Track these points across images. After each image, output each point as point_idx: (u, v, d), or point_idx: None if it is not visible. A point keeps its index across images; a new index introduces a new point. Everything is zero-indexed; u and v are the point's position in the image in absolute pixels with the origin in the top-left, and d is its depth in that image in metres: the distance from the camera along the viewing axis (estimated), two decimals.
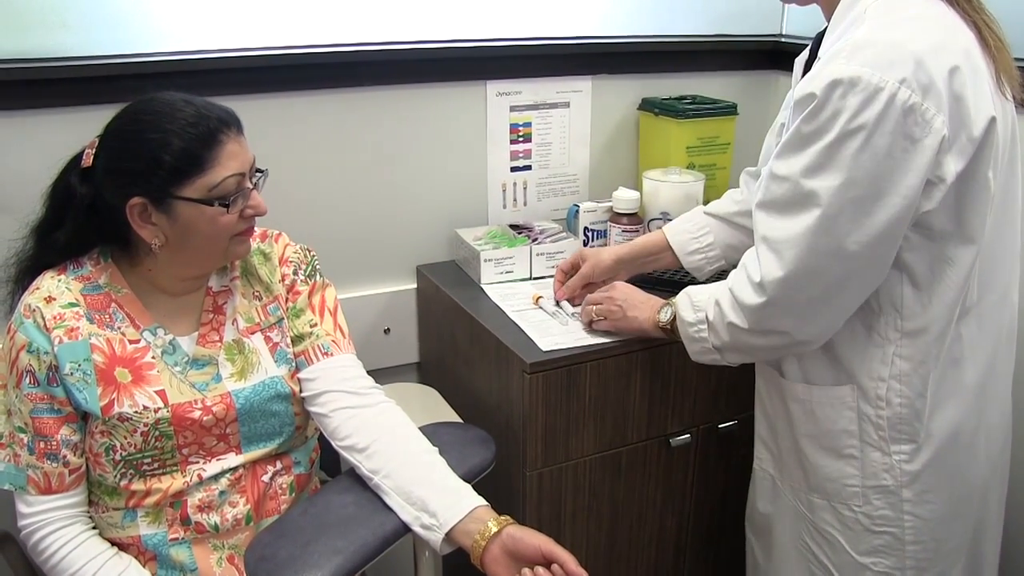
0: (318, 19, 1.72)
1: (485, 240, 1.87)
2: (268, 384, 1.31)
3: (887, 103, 1.03)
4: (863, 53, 1.05)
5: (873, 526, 1.27)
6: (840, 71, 1.05)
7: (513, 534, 1.17)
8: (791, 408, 1.33)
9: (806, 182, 1.10)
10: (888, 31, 1.07)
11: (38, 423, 1.20)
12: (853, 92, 1.04)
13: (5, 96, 1.50)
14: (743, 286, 1.21)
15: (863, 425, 1.25)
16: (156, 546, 1.26)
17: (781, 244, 1.14)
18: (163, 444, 1.23)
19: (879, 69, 1.03)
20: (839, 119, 1.05)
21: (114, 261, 1.27)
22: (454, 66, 1.86)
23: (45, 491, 1.22)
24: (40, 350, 1.19)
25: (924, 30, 1.07)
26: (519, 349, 1.52)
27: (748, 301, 1.20)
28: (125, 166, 1.18)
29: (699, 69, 2.14)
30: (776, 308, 1.18)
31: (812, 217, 1.10)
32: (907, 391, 1.21)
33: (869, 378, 1.23)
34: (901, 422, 1.22)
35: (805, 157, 1.10)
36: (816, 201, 1.10)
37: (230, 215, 1.20)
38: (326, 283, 1.42)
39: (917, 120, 1.04)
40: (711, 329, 1.28)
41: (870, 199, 1.08)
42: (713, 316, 1.28)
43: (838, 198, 1.08)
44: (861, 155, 1.05)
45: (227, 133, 1.19)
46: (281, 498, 1.34)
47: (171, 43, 1.60)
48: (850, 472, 1.27)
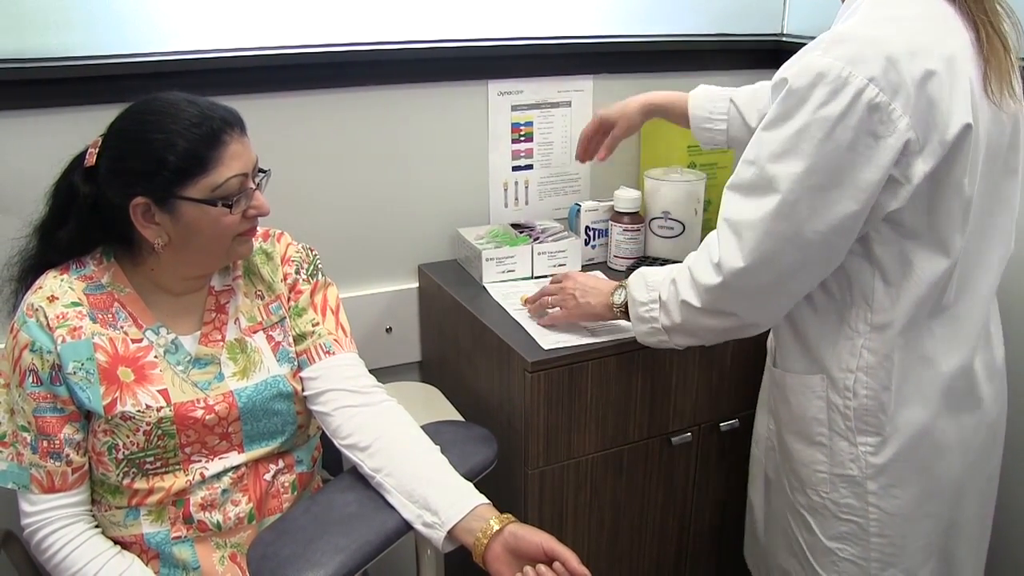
0: (320, 19, 1.72)
1: (487, 239, 1.87)
2: (270, 383, 1.31)
3: (853, 97, 1.04)
4: (839, 47, 1.06)
5: (840, 513, 1.31)
6: (814, 62, 1.07)
7: (515, 532, 1.17)
8: (773, 393, 1.40)
9: (770, 167, 1.12)
10: (870, 27, 1.09)
11: (41, 422, 1.21)
12: (823, 83, 1.06)
13: (8, 96, 1.50)
14: (703, 266, 1.23)
15: (831, 414, 1.28)
16: (159, 544, 1.26)
17: (741, 226, 1.16)
18: (166, 443, 1.24)
19: (850, 64, 1.05)
20: (805, 107, 1.07)
21: (117, 260, 1.27)
22: (456, 65, 1.86)
23: (48, 490, 1.22)
24: (43, 349, 1.19)
25: (907, 31, 1.08)
26: (521, 348, 1.52)
27: (705, 281, 1.22)
28: (129, 166, 1.18)
29: (701, 68, 2.14)
30: (730, 290, 1.20)
31: (772, 202, 1.12)
32: (873, 383, 1.23)
33: (838, 369, 1.25)
34: (867, 414, 1.25)
35: (772, 142, 1.12)
36: (777, 186, 1.12)
37: (233, 215, 1.21)
38: (328, 282, 1.42)
39: (882, 118, 1.05)
40: (663, 308, 1.31)
41: (829, 189, 1.09)
42: (667, 295, 1.30)
43: (798, 185, 1.10)
44: (823, 145, 1.07)
45: (230, 133, 1.19)
46: (283, 496, 1.35)
47: (174, 43, 1.60)
48: (820, 459, 1.31)
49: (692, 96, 1.70)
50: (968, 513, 1.34)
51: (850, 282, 1.22)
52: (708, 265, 1.22)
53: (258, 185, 1.25)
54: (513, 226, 1.95)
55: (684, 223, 1.83)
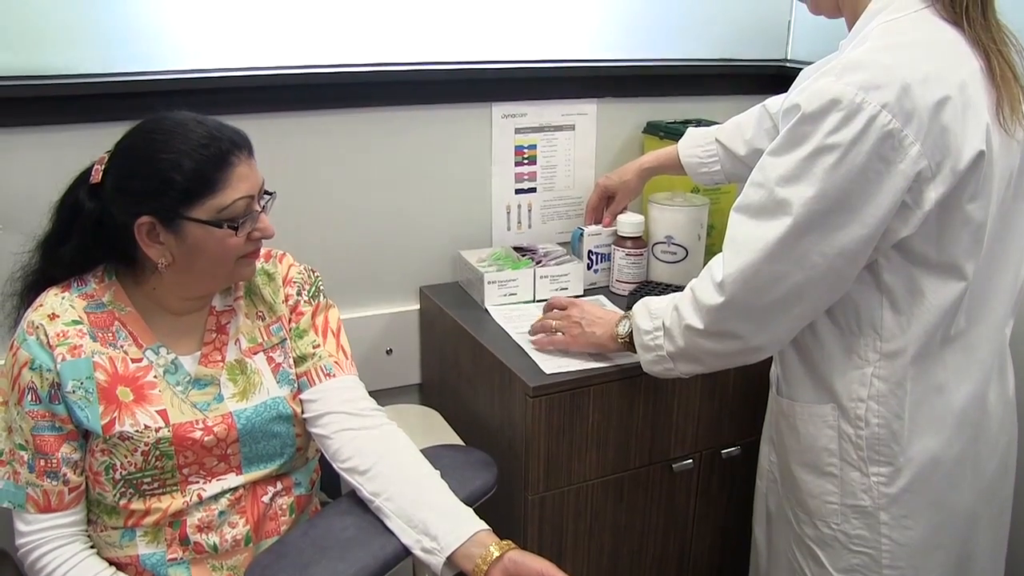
0: (324, 39, 1.72)
1: (489, 262, 1.87)
2: (270, 405, 1.30)
3: (866, 124, 1.05)
4: (853, 73, 1.07)
5: (851, 544, 1.29)
6: (827, 88, 1.07)
7: (515, 559, 1.16)
8: (780, 424, 1.37)
9: (780, 190, 1.12)
10: (882, 54, 1.09)
11: (39, 441, 1.20)
12: (836, 109, 1.06)
13: (14, 112, 1.50)
14: (705, 286, 1.23)
15: (843, 444, 1.26)
16: (154, 566, 1.25)
17: (746, 247, 1.16)
18: (163, 464, 1.23)
19: (863, 90, 1.05)
20: (818, 133, 1.08)
21: (118, 279, 1.27)
22: (460, 88, 1.87)
23: (44, 509, 1.21)
24: (43, 367, 1.19)
25: (919, 58, 1.08)
26: (522, 372, 1.52)
27: (708, 301, 1.22)
28: (135, 185, 1.18)
29: (704, 93, 2.15)
30: (733, 310, 1.20)
31: (782, 225, 1.12)
32: (885, 412, 1.22)
33: (849, 398, 1.24)
34: (879, 443, 1.23)
35: (782, 166, 1.12)
36: (787, 210, 1.12)
37: (238, 238, 1.21)
38: (329, 304, 1.42)
39: (894, 145, 1.06)
40: (667, 335, 1.31)
41: (840, 214, 1.10)
42: (670, 322, 1.30)
43: (808, 209, 1.10)
44: (835, 171, 1.07)
45: (238, 155, 1.19)
46: (281, 519, 1.34)
47: (179, 62, 1.61)
48: (830, 489, 1.29)
49: (680, 146, 1.74)
50: (982, 544, 1.33)
51: (858, 310, 1.21)
52: (711, 285, 1.22)
53: (263, 208, 1.25)
54: (515, 249, 1.94)
55: (687, 248, 1.83)
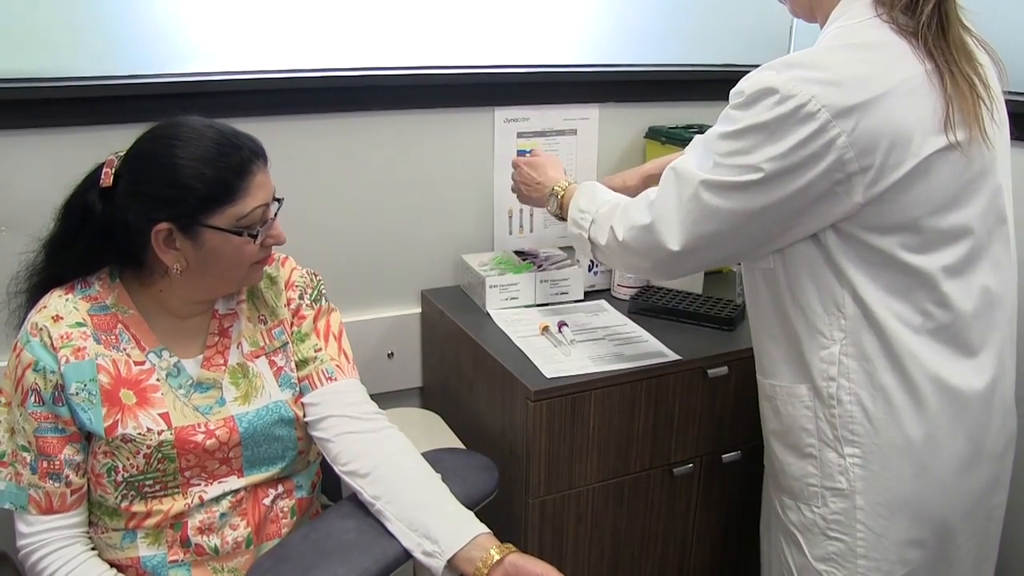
0: (327, 43, 1.73)
1: (490, 266, 1.87)
2: (272, 408, 1.31)
3: (795, 109, 1.11)
4: (792, 69, 1.13)
5: (828, 530, 1.29)
6: (766, 78, 1.14)
7: (515, 562, 1.16)
8: (764, 407, 1.39)
9: (716, 157, 1.21)
10: (823, 54, 1.16)
11: (42, 442, 1.20)
12: (770, 96, 1.13)
13: (17, 115, 1.51)
14: (639, 204, 1.33)
15: (819, 424, 1.28)
16: (155, 568, 1.25)
17: (685, 180, 1.24)
18: (165, 467, 1.23)
19: (798, 82, 1.11)
20: (750, 113, 1.15)
21: (122, 281, 1.27)
22: (462, 92, 1.87)
23: (46, 511, 1.21)
24: (46, 369, 1.19)
25: (858, 59, 1.14)
26: (523, 376, 1.52)
27: (636, 219, 1.31)
28: (152, 191, 1.18)
29: (706, 98, 2.15)
30: (653, 234, 1.28)
31: (716, 173, 1.20)
32: (856, 389, 1.23)
33: (821, 377, 1.26)
34: (852, 422, 1.24)
35: (717, 140, 1.21)
36: (721, 168, 1.20)
37: (255, 244, 1.22)
38: (331, 308, 1.42)
39: (820, 134, 1.11)
40: (594, 223, 1.43)
41: (766, 182, 1.16)
42: (602, 213, 1.41)
43: (735, 178, 1.18)
44: (762, 148, 1.15)
45: (257, 164, 1.21)
46: (282, 521, 1.34)
47: (180, 66, 1.62)
48: (811, 471, 1.30)
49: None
50: (962, 551, 1.31)
51: (816, 288, 1.23)
52: (643, 204, 1.31)
53: (275, 214, 1.26)
54: (517, 253, 1.95)
55: None
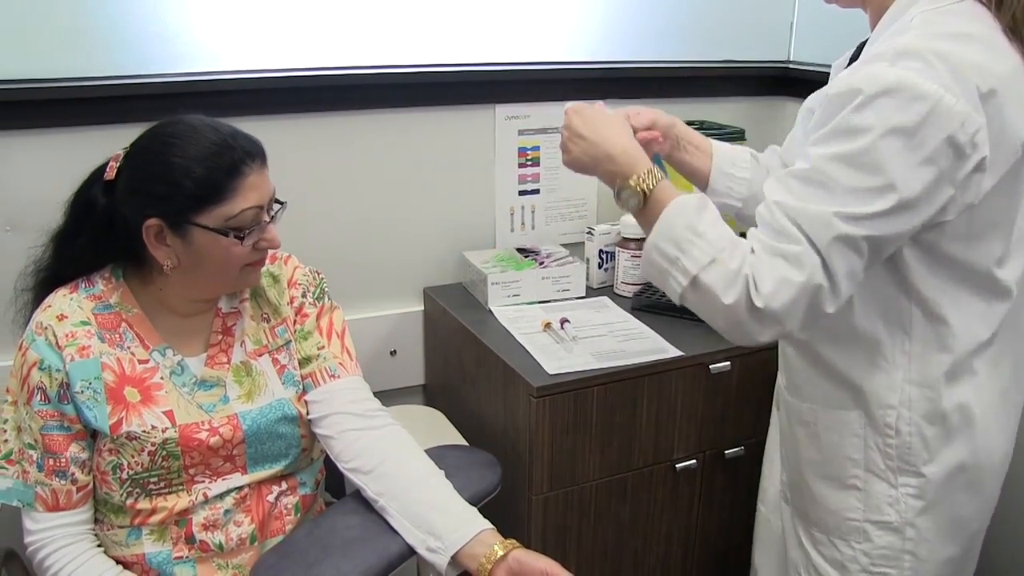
0: (327, 42, 1.73)
1: (492, 263, 1.87)
2: (275, 406, 1.31)
3: (932, 107, 0.98)
4: (907, 59, 1.00)
5: (872, 566, 1.20)
6: (883, 73, 1.00)
7: (519, 558, 1.16)
8: (797, 432, 1.27)
9: (840, 177, 1.02)
10: (932, 41, 1.02)
11: (48, 440, 1.21)
12: (898, 94, 0.99)
13: (20, 115, 1.51)
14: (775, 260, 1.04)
15: (869, 454, 1.18)
16: (160, 564, 1.26)
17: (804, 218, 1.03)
18: (170, 464, 1.24)
19: (922, 76, 0.98)
20: (881, 119, 0.99)
21: (126, 280, 1.28)
22: (463, 90, 1.88)
23: (53, 508, 1.22)
24: (52, 368, 1.20)
25: (969, 47, 1.02)
26: (526, 373, 1.52)
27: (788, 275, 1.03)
28: (146, 186, 1.19)
29: (707, 95, 2.16)
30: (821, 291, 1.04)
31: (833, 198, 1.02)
32: (917, 419, 1.14)
33: (877, 405, 1.15)
34: (910, 453, 1.15)
35: (837, 147, 1.02)
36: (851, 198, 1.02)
37: (243, 247, 1.21)
38: (334, 306, 1.42)
39: (961, 129, 0.99)
40: (714, 264, 1.06)
41: (907, 204, 1.01)
42: (730, 254, 1.06)
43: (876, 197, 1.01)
44: (901, 157, 0.99)
45: (250, 165, 1.20)
46: (286, 518, 1.34)
47: (183, 65, 1.62)
48: (852, 504, 1.20)
49: (715, 144, 1.47)
50: (974, 553, 1.28)
51: (882, 309, 1.12)
52: (783, 256, 1.03)
53: (273, 217, 1.25)
54: (519, 250, 1.95)
55: None
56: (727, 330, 1.09)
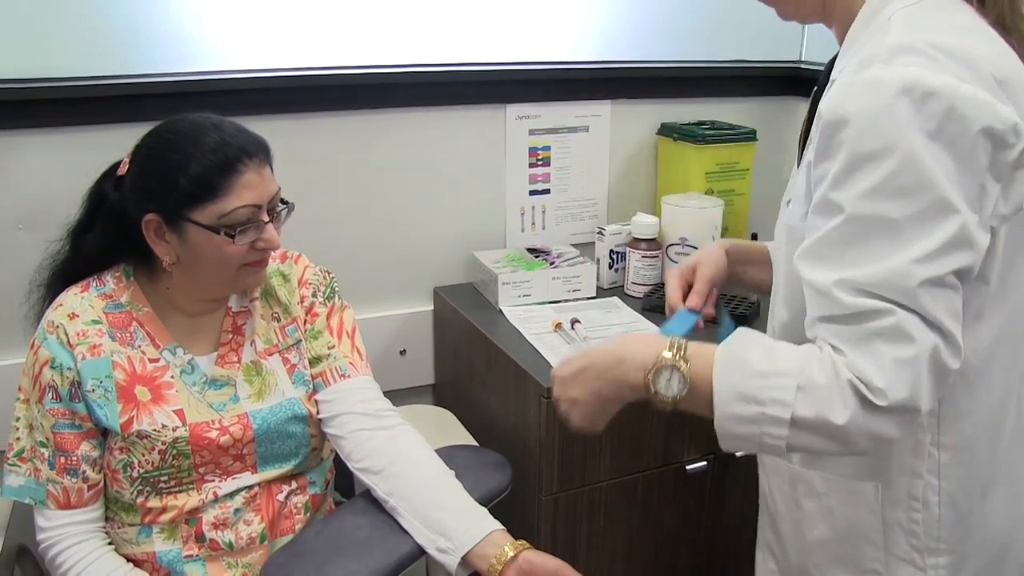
0: (338, 42, 1.73)
1: (503, 263, 1.87)
2: (285, 406, 1.31)
3: (951, 103, 0.82)
4: (905, 55, 0.84)
5: None
6: (879, 76, 0.84)
7: (529, 559, 1.16)
8: (804, 505, 1.07)
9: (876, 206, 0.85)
10: (926, 35, 0.86)
11: (59, 438, 1.21)
12: (908, 95, 0.82)
13: (31, 115, 1.52)
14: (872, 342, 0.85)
15: (890, 533, 1.00)
16: (171, 563, 1.26)
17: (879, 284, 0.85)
18: (180, 463, 1.24)
19: (930, 69, 0.83)
20: (899, 129, 0.83)
21: (136, 279, 1.28)
22: (474, 89, 1.87)
23: (64, 506, 1.23)
24: (63, 366, 1.20)
25: (969, 38, 0.88)
26: (536, 373, 1.52)
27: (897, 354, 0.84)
28: (146, 182, 1.20)
29: (718, 95, 2.15)
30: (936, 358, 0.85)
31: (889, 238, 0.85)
32: (950, 487, 0.95)
33: (900, 473, 0.97)
34: (941, 527, 0.97)
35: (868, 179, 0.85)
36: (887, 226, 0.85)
37: (236, 246, 1.20)
38: (344, 305, 1.42)
39: (995, 117, 0.82)
40: (802, 391, 0.87)
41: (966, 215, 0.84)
42: (820, 370, 0.87)
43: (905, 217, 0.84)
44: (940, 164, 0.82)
45: (246, 163, 1.18)
46: (296, 517, 1.34)
47: (196, 64, 1.63)
48: None
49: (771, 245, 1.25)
50: None
51: None
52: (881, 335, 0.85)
53: (275, 217, 1.24)
54: (529, 251, 1.95)
55: None
56: (861, 450, 0.90)
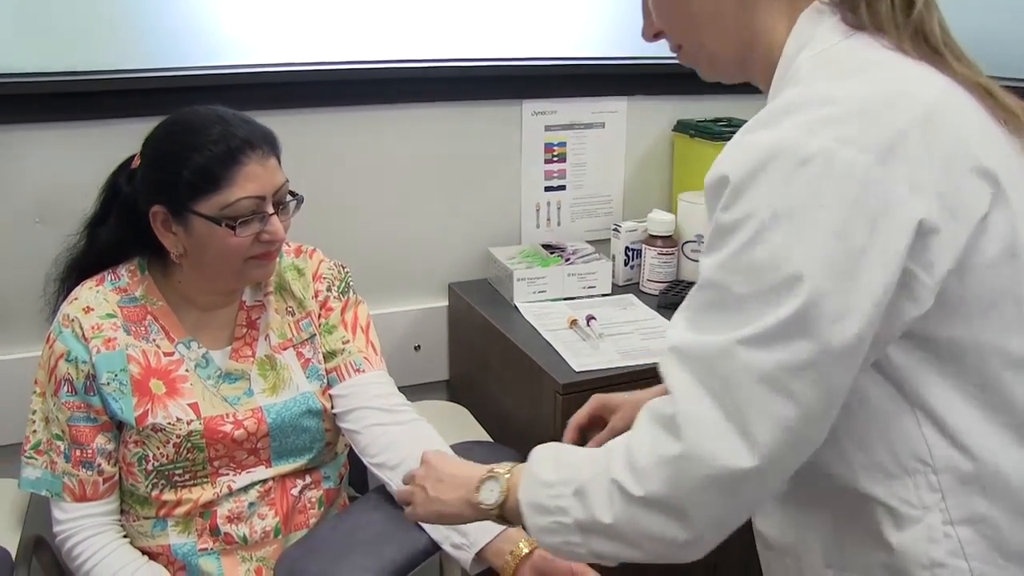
0: (354, 36, 1.73)
1: (518, 259, 1.87)
2: (299, 400, 1.31)
3: (824, 171, 0.73)
4: (791, 115, 0.76)
5: None
6: (759, 140, 0.77)
7: (545, 555, 1.16)
8: None
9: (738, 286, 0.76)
10: (825, 84, 0.79)
11: (75, 431, 1.22)
12: (776, 163, 0.74)
13: (49, 108, 1.52)
14: (656, 426, 0.79)
15: None
16: (185, 556, 1.26)
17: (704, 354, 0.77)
18: (194, 456, 1.24)
19: (812, 132, 0.74)
20: (762, 199, 0.74)
21: (150, 273, 1.29)
22: (490, 84, 1.87)
23: (80, 498, 1.23)
24: (78, 359, 1.20)
25: (876, 79, 0.79)
26: (552, 369, 1.51)
27: (661, 449, 0.78)
28: (152, 174, 1.21)
29: (735, 91, 2.11)
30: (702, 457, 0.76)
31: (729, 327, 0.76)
32: (981, 567, 0.81)
33: (919, 565, 0.82)
34: None
35: (726, 249, 0.77)
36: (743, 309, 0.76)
37: (239, 238, 1.19)
38: (359, 300, 1.42)
39: (873, 190, 0.72)
40: (579, 495, 0.84)
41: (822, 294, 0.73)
42: (590, 476, 0.84)
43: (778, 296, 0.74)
44: (800, 244, 0.73)
45: (249, 155, 1.18)
46: (310, 512, 1.35)
47: (212, 58, 1.63)
48: None
49: None
50: None
51: (891, 445, 0.82)
52: (655, 427, 0.79)
53: (280, 209, 1.23)
54: (544, 247, 1.94)
55: None
56: (654, 554, 0.85)
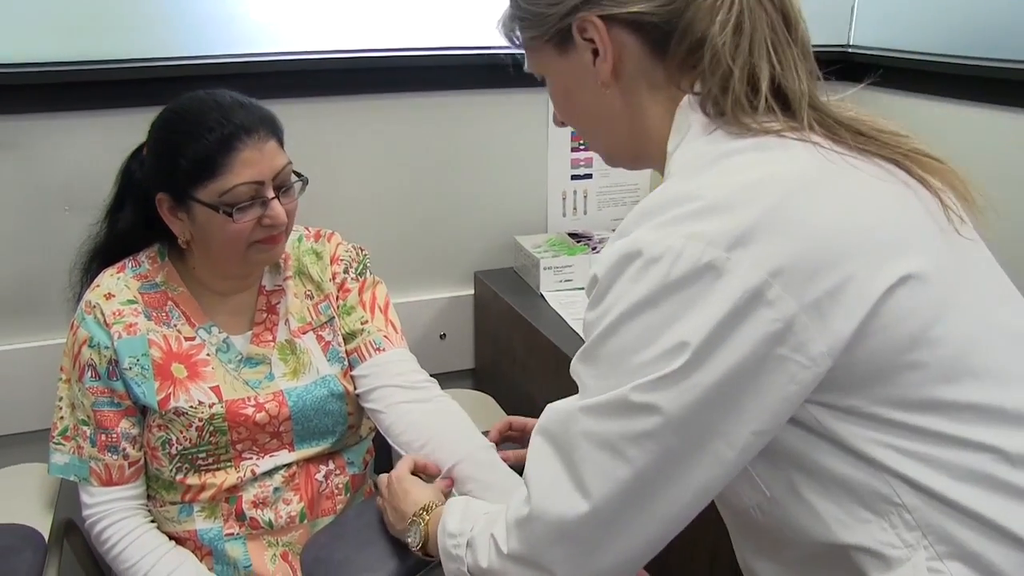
0: (378, 23, 1.73)
1: (544, 248, 1.86)
2: (321, 383, 1.32)
3: (669, 268, 0.73)
4: (647, 219, 0.77)
5: None
6: (623, 243, 0.77)
7: None
8: None
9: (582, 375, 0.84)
10: (684, 182, 0.80)
11: (99, 416, 1.23)
12: (630, 264, 0.76)
13: (75, 96, 1.54)
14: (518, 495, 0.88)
15: None
16: (212, 541, 1.27)
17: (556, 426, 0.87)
18: (217, 439, 1.25)
19: (663, 231, 0.75)
20: (616, 299, 0.77)
21: (170, 260, 1.30)
22: (517, 72, 1.85)
23: (106, 483, 1.25)
24: (101, 345, 1.22)
25: (732, 168, 0.79)
26: None
27: (515, 512, 0.86)
28: (154, 162, 1.22)
29: None
30: (543, 527, 0.83)
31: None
32: None
33: None
34: None
35: (588, 341, 0.82)
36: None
37: (238, 223, 1.18)
38: (376, 280, 1.42)
39: (720, 283, 0.72)
40: (470, 546, 0.94)
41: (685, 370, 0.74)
42: (479, 530, 0.94)
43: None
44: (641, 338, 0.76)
45: (244, 140, 1.17)
46: (337, 498, 1.35)
47: (232, 46, 1.64)
48: None
49: None
50: None
51: (850, 488, 0.79)
52: (519, 496, 0.87)
53: (283, 192, 1.22)
54: (571, 235, 1.93)
55: None
56: None
